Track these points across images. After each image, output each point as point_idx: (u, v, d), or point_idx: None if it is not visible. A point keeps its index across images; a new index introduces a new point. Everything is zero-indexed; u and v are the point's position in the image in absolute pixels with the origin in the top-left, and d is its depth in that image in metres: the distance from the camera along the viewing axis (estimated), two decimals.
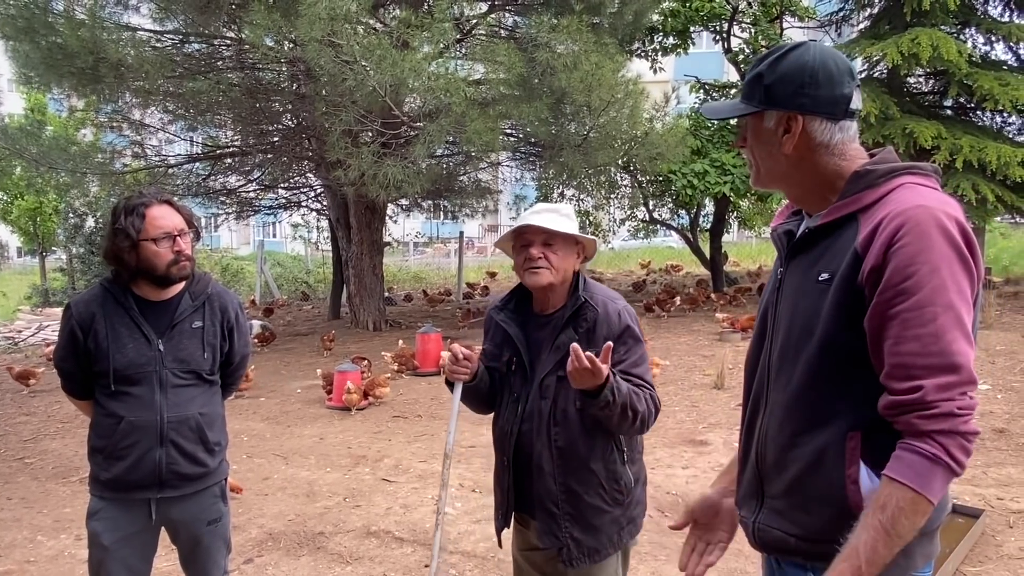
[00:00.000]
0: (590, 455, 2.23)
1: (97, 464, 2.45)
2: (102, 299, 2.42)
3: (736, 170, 11.49)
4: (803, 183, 1.53)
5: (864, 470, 1.38)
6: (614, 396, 2.06)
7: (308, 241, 21.14)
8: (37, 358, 10.62)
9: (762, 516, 1.55)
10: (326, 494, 5.04)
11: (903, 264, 1.30)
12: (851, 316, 1.37)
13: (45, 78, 9.65)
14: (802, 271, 1.50)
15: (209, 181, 12.64)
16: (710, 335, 9.90)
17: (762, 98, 1.50)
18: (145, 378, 2.40)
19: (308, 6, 7.63)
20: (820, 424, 1.43)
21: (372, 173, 8.59)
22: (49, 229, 19.94)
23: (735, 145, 1.66)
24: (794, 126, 1.48)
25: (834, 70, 1.46)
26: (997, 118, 13.15)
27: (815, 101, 1.46)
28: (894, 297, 1.31)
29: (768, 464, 1.53)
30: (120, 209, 2.37)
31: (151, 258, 2.36)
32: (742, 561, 3.84)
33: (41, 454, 6.21)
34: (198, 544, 2.55)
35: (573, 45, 8.73)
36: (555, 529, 2.28)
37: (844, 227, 1.43)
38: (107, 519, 2.44)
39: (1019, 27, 12.27)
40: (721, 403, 6.79)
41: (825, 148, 1.48)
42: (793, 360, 1.47)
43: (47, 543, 4.41)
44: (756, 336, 1.64)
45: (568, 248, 2.27)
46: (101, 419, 2.43)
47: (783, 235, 1.61)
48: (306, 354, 10.27)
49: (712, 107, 1.68)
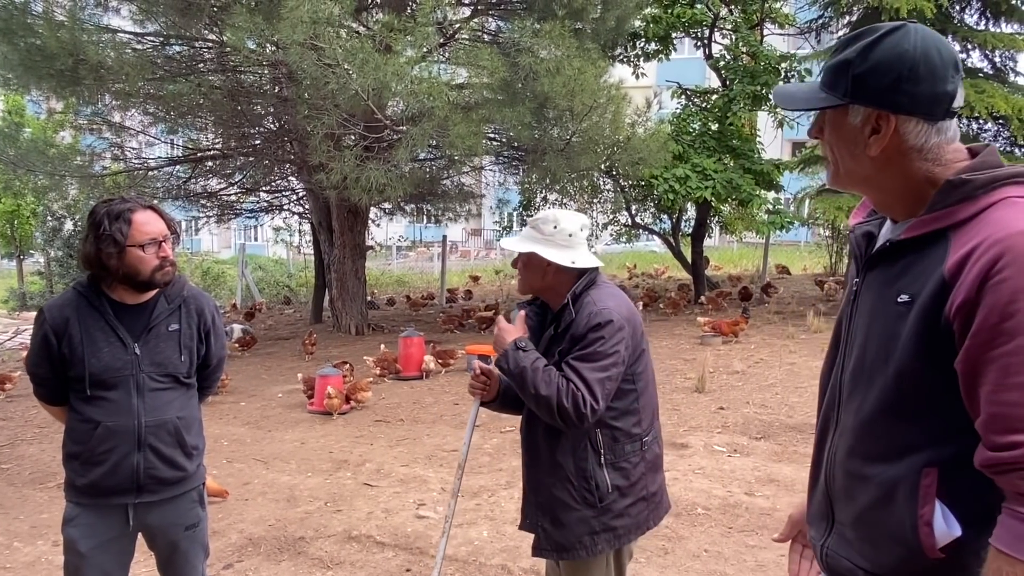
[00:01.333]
0: (556, 448, 2.31)
1: (73, 470, 2.42)
2: (76, 303, 2.40)
3: (717, 175, 11.57)
4: (889, 188, 1.35)
5: (939, 511, 1.24)
6: (508, 361, 2.24)
7: (290, 245, 21.06)
8: (14, 362, 10.49)
9: (831, 541, 1.43)
10: (307, 499, 5.01)
11: (1003, 302, 1.14)
12: (933, 348, 1.23)
13: (24, 80, 9.56)
14: (880, 286, 1.35)
15: (190, 184, 12.54)
16: (691, 339, 9.96)
17: (848, 89, 1.30)
18: (122, 382, 2.38)
19: (290, 9, 7.60)
20: (892, 456, 1.30)
21: (355, 176, 8.57)
22: (27, 232, 19.74)
23: (810, 134, 1.43)
24: (885, 126, 1.29)
25: (937, 63, 1.26)
26: (974, 125, 13.33)
27: (913, 100, 1.26)
28: (993, 338, 1.15)
29: (837, 488, 1.41)
30: (103, 214, 2.35)
31: (136, 264, 2.34)
32: (722, 563, 3.88)
33: (18, 459, 6.14)
34: (176, 550, 2.53)
35: (556, 50, 8.77)
36: (531, 515, 2.41)
37: (932, 244, 1.26)
38: (83, 525, 2.41)
39: (995, 35, 12.46)
40: (702, 406, 6.83)
41: (918, 152, 1.29)
42: (867, 384, 1.34)
43: (24, 549, 4.36)
44: (830, 349, 1.51)
45: (527, 261, 2.38)
46: (76, 424, 2.41)
47: (862, 237, 1.45)
48: (287, 358, 10.21)
49: (786, 92, 1.48)
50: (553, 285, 2.37)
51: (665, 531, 4.14)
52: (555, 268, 2.34)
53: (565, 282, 2.35)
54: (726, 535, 4.22)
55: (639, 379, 2.35)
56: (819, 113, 1.38)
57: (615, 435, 2.30)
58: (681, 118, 12.89)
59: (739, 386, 7.52)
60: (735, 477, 5.06)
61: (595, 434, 2.28)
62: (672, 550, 4.04)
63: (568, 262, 2.32)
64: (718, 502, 4.62)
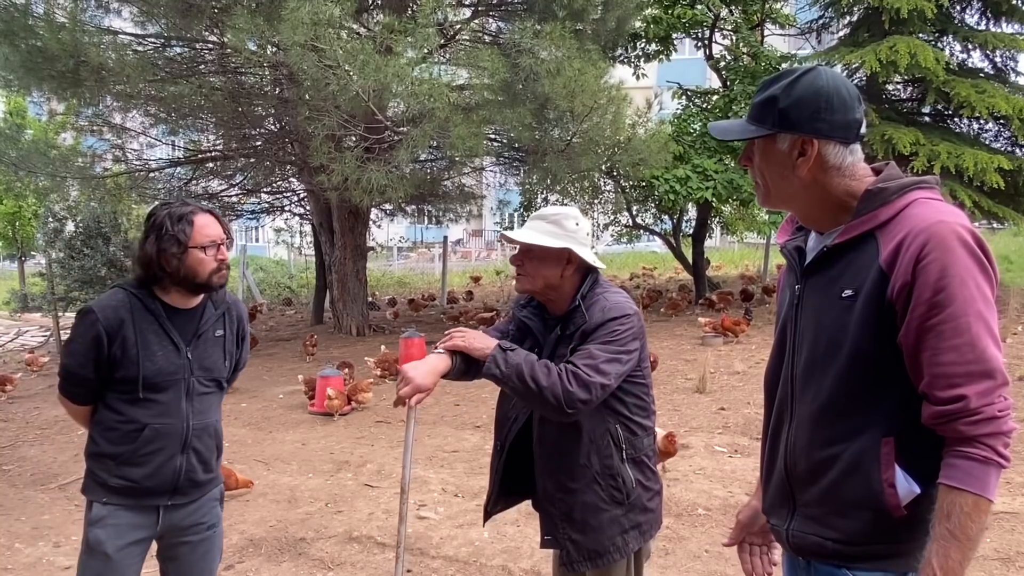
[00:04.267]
0: (578, 448, 2.23)
1: (105, 469, 2.39)
2: (130, 305, 2.38)
3: (718, 176, 11.57)
4: (814, 203, 1.57)
5: (900, 473, 1.44)
6: (499, 366, 2.11)
7: (291, 246, 21.07)
8: (15, 364, 10.50)
9: (795, 523, 1.59)
10: (308, 500, 5.02)
11: (933, 279, 1.36)
12: (881, 330, 1.43)
13: (25, 81, 9.57)
14: (822, 288, 1.54)
15: (191, 185, 12.57)
16: (692, 339, 9.96)
17: (776, 121, 1.53)
18: (173, 385, 2.40)
19: (291, 10, 7.61)
20: (854, 433, 1.48)
21: (356, 178, 8.58)
22: (28, 234, 19.72)
23: (739, 163, 1.71)
24: (810, 150, 1.51)
25: (846, 96, 1.51)
26: (974, 125, 13.35)
27: (831, 126, 1.50)
28: (928, 311, 1.37)
29: (799, 473, 1.58)
30: (164, 216, 2.37)
31: (195, 265, 2.36)
32: (723, 564, 3.88)
33: (19, 461, 6.14)
34: (194, 549, 2.53)
35: (556, 51, 8.77)
36: (553, 530, 2.30)
37: (862, 244, 1.48)
38: (113, 526, 2.39)
39: (995, 35, 12.46)
40: (703, 407, 6.83)
41: (837, 170, 1.53)
42: (821, 373, 1.52)
43: (25, 550, 4.36)
44: (775, 351, 1.69)
45: (546, 256, 2.26)
46: (116, 425, 2.39)
47: (794, 250, 1.65)
48: (288, 359, 10.22)
49: (721, 127, 1.70)
50: (564, 285, 2.30)
51: (666, 531, 4.14)
52: (575, 267, 2.28)
53: (576, 283, 2.30)
54: (727, 536, 4.21)
55: (646, 373, 2.34)
56: (747, 144, 1.61)
57: (633, 429, 2.28)
58: (682, 119, 12.90)
59: (740, 387, 7.51)
60: (736, 478, 5.06)
61: (615, 429, 2.24)
62: (673, 550, 4.04)
63: (593, 260, 2.29)
64: (719, 503, 4.62)
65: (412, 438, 2.28)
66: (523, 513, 2.59)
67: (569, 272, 2.28)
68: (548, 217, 2.29)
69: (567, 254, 2.26)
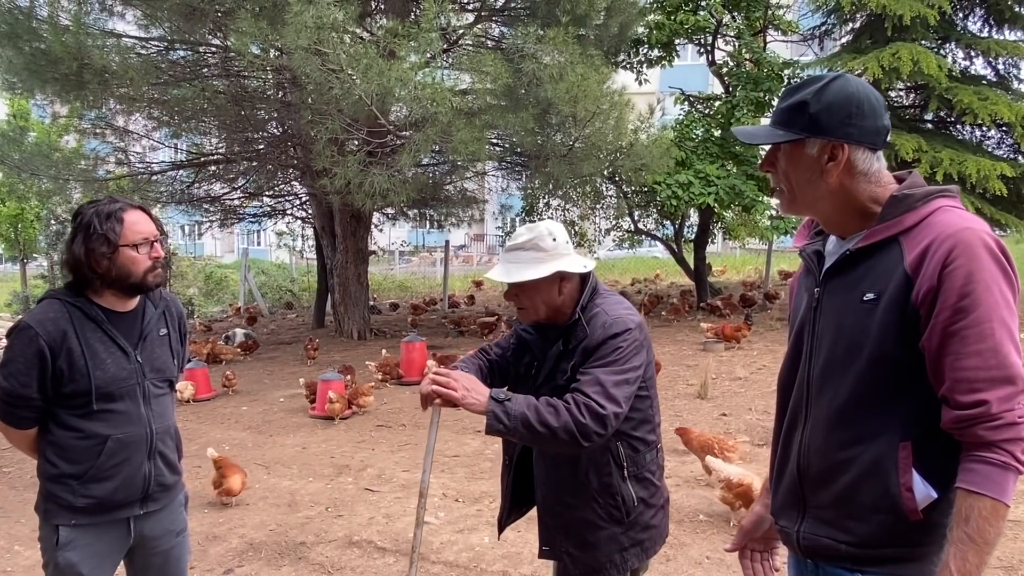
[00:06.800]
0: (577, 466, 2.20)
1: (69, 491, 2.26)
2: (69, 314, 2.24)
3: (720, 181, 11.57)
4: (839, 208, 1.57)
5: (917, 478, 1.44)
6: (502, 421, 2.01)
7: (293, 249, 21.06)
8: None
9: (806, 525, 1.59)
10: (308, 504, 5.01)
11: (959, 284, 1.38)
12: (902, 333, 1.44)
13: (28, 84, 9.60)
14: (843, 291, 1.55)
15: (193, 188, 12.60)
16: (694, 344, 9.95)
17: (806, 125, 1.53)
18: (128, 392, 2.30)
19: (295, 15, 7.63)
20: (871, 436, 1.49)
21: (358, 182, 8.59)
22: (31, 236, 19.78)
23: (761, 168, 1.69)
24: (840, 154, 1.52)
25: (875, 102, 1.53)
26: (977, 132, 13.34)
27: (861, 131, 1.51)
28: (953, 316, 1.38)
29: (812, 475, 1.58)
30: (92, 214, 2.25)
31: (128, 265, 2.25)
32: (724, 570, 3.86)
33: (19, 463, 6.14)
34: (168, 558, 2.48)
35: (559, 56, 8.78)
36: (551, 541, 2.29)
37: (886, 249, 1.49)
38: (84, 546, 2.29)
39: (998, 42, 12.47)
40: (704, 413, 6.81)
41: (864, 176, 1.54)
42: (840, 376, 1.52)
43: (24, 552, 4.36)
44: (791, 354, 1.68)
45: (539, 284, 2.20)
46: (72, 442, 2.26)
47: (813, 254, 1.66)
48: (289, 363, 10.21)
49: (747, 132, 1.70)
50: (565, 300, 2.24)
51: (667, 538, 4.12)
52: (569, 281, 2.23)
53: (575, 293, 2.26)
54: (728, 542, 4.20)
55: (651, 385, 2.28)
56: (771, 149, 1.61)
57: (635, 445, 2.22)
58: (684, 124, 12.89)
59: (742, 392, 7.50)
60: None
61: (616, 447, 2.19)
62: (674, 557, 4.02)
63: (583, 268, 2.23)
64: (720, 509, 4.60)
65: (434, 440, 2.25)
66: (524, 519, 2.57)
67: (567, 288, 2.24)
68: (524, 245, 2.21)
69: (559, 275, 2.20)
